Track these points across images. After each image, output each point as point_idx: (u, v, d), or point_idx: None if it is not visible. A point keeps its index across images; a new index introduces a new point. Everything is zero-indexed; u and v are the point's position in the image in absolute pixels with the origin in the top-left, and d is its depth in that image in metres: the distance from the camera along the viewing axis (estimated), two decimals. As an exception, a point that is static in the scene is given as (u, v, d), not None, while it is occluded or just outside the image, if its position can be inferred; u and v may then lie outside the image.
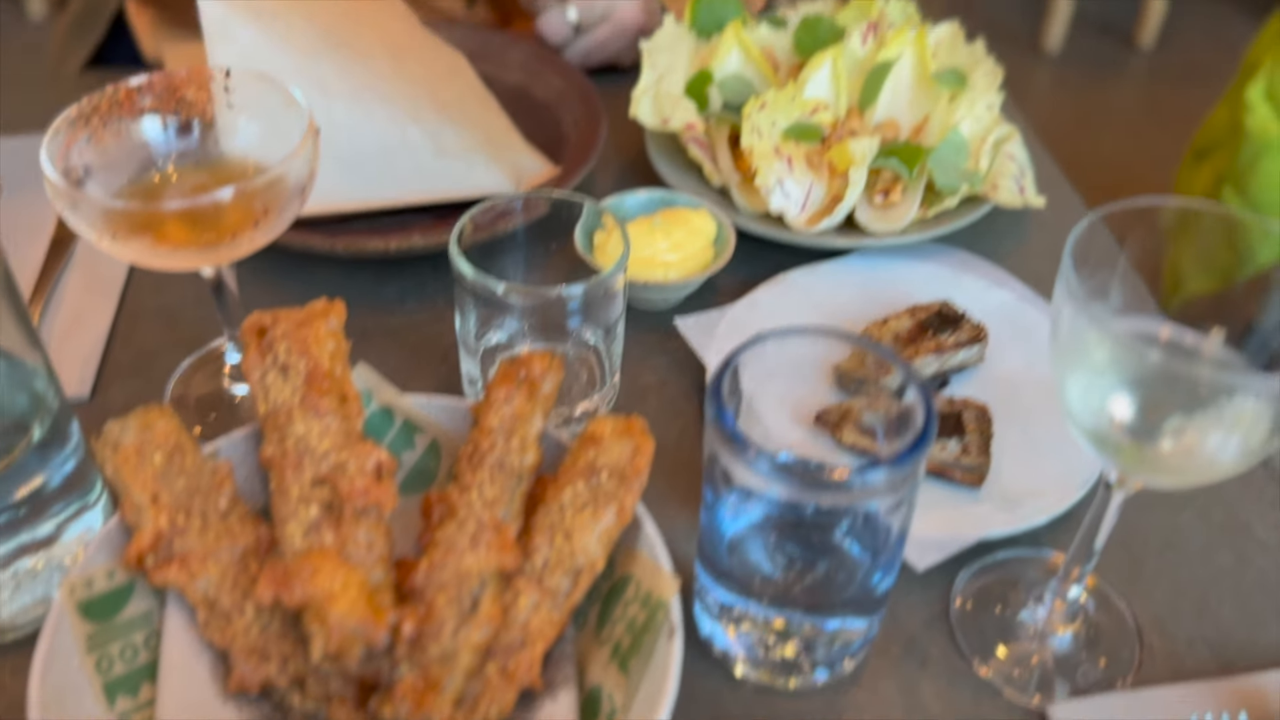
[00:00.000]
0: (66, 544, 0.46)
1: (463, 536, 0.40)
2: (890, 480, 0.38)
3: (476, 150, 0.63)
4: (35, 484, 0.44)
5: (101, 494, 0.47)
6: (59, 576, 0.46)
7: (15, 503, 0.43)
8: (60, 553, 0.46)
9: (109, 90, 0.48)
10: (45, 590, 0.46)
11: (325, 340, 0.43)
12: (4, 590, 0.45)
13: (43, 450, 0.44)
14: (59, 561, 0.46)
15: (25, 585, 0.45)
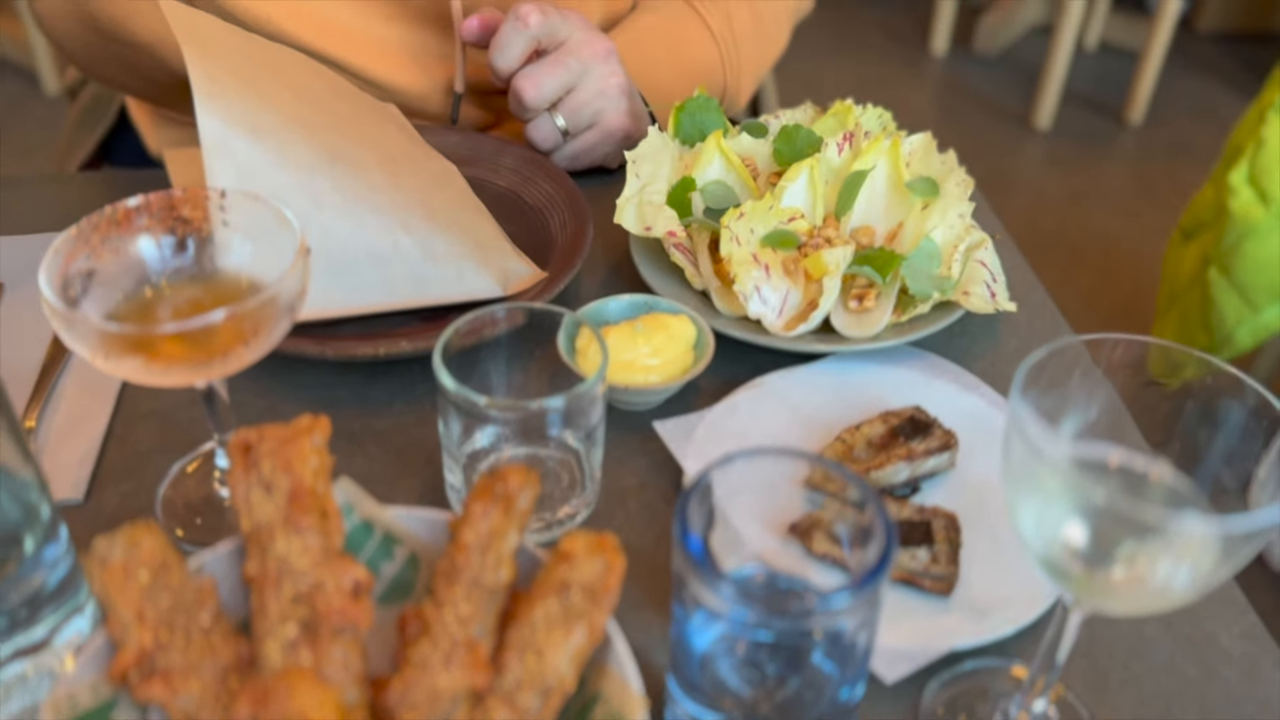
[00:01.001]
0: (57, 649, 0.47)
1: (436, 655, 0.41)
2: (854, 604, 0.39)
3: (466, 256, 0.65)
4: (26, 592, 0.45)
5: (90, 598, 0.49)
6: (49, 683, 0.47)
7: (5, 610, 0.44)
8: (50, 658, 0.47)
9: (108, 210, 0.50)
10: (35, 697, 0.47)
11: (309, 457, 0.45)
12: (-10, 701, 0.46)
13: (34, 560, 0.45)
14: (49, 667, 0.47)
15: (16, 692, 0.46)
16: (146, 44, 0.76)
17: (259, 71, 0.62)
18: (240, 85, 0.60)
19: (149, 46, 0.77)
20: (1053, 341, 0.41)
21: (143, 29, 0.76)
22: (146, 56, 0.78)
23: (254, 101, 0.60)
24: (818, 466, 0.45)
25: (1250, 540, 0.36)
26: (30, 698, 0.46)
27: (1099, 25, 2.96)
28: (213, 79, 0.58)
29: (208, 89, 0.58)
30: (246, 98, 0.60)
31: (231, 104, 0.59)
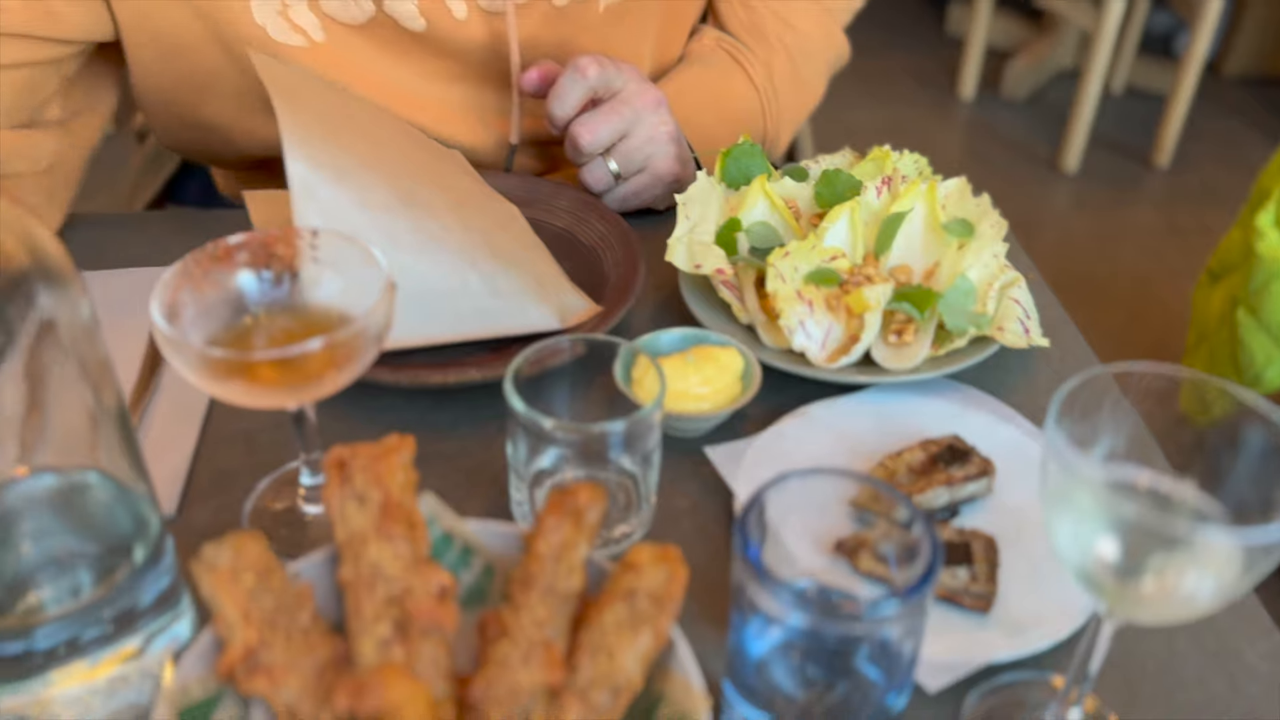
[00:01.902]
0: (156, 654, 0.51)
1: (516, 654, 0.45)
2: (900, 612, 0.43)
3: (527, 292, 0.69)
4: (132, 600, 0.49)
5: (189, 608, 0.53)
6: (149, 684, 0.51)
7: (113, 617, 0.48)
8: (150, 662, 0.51)
9: (209, 247, 0.55)
10: (136, 696, 0.50)
11: (397, 473, 0.49)
12: (99, 697, 0.50)
13: (142, 569, 0.49)
14: (149, 670, 0.51)
15: (118, 692, 0.50)
16: (218, 127, 0.86)
17: (340, 120, 0.67)
18: (324, 133, 0.65)
19: (220, 129, 0.86)
20: (1087, 370, 0.44)
21: (214, 114, 0.84)
22: (218, 138, 0.86)
23: (337, 148, 0.65)
24: (867, 486, 0.49)
25: (1270, 552, 0.39)
26: (131, 698, 0.50)
27: (1126, 69, 3.01)
28: (300, 127, 0.63)
29: (295, 136, 0.63)
30: (330, 145, 0.64)
31: (316, 150, 0.64)
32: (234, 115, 0.86)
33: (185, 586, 0.53)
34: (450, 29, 0.81)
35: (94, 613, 0.47)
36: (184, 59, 0.82)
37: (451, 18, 0.81)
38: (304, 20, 0.80)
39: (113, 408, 0.46)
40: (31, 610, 0.46)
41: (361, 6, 0.79)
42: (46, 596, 0.47)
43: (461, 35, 0.82)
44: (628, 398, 0.62)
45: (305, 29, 0.80)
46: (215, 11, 0.78)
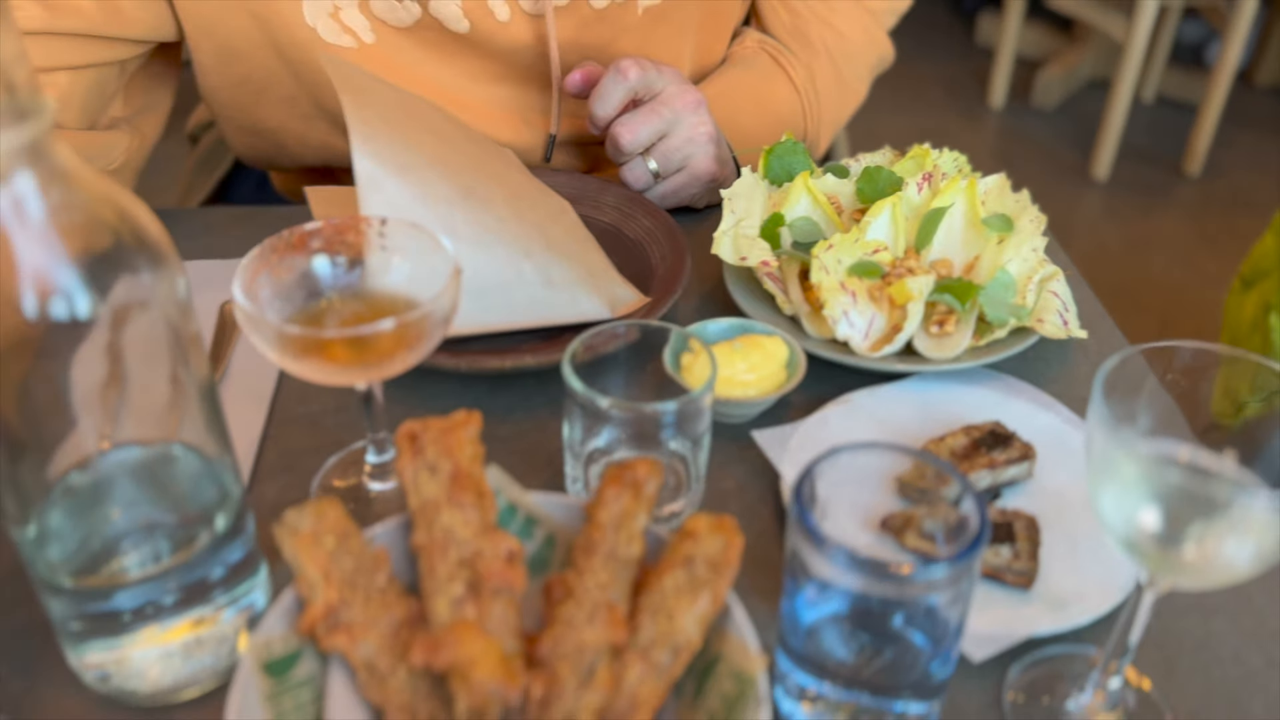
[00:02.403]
0: (232, 621, 0.53)
1: (581, 614, 0.47)
2: (949, 576, 0.45)
3: (579, 282, 0.72)
4: (212, 568, 0.52)
5: (265, 579, 0.55)
6: (225, 649, 0.53)
7: (191, 584, 0.51)
8: (226, 628, 0.53)
9: (285, 234, 0.58)
10: (213, 660, 0.53)
11: (466, 445, 0.52)
12: (176, 658, 0.52)
13: (223, 539, 0.52)
14: (224, 634, 0.53)
15: (194, 654, 0.53)
16: (272, 131, 0.90)
17: (403, 118, 0.70)
18: (389, 130, 0.68)
19: (275, 134, 0.90)
20: (1131, 347, 0.46)
21: (268, 118, 0.88)
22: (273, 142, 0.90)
23: (401, 145, 0.68)
24: (916, 462, 0.51)
25: (1307, 518, 0.41)
26: (207, 661, 0.53)
27: (1156, 79, 3.01)
28: (366, 124, 0.66)
29: (362, 133, 0.66)
30: (394, 141, 0.67)
31: (382, 146, 0.67)
32: (286, 120, 0.89)
33: (263, 558, 0.55)
34: (493, 30, 0.84)
35: (174, 578, 0.50)
36: (241, 63, 0.85)
37: (494, 19, 0.84)
38: (354, 22, 0.83)
39: (203, 381, 0.49)
40: (116, 574, 0.49)
41: (409, 9, 0.82)
42: (130, 562, 0.49)
43: (504, 37, 0.85)
44: (677, 384, 0.65)
45: (355, 30, 0.83)
46: (269, 15, 0.82)
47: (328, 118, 0.88)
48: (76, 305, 0.42)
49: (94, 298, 0.42)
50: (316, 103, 0.87)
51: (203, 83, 0.88)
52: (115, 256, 0.43)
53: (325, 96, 0.86)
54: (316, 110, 0.88)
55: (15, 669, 0.53)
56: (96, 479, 0.48)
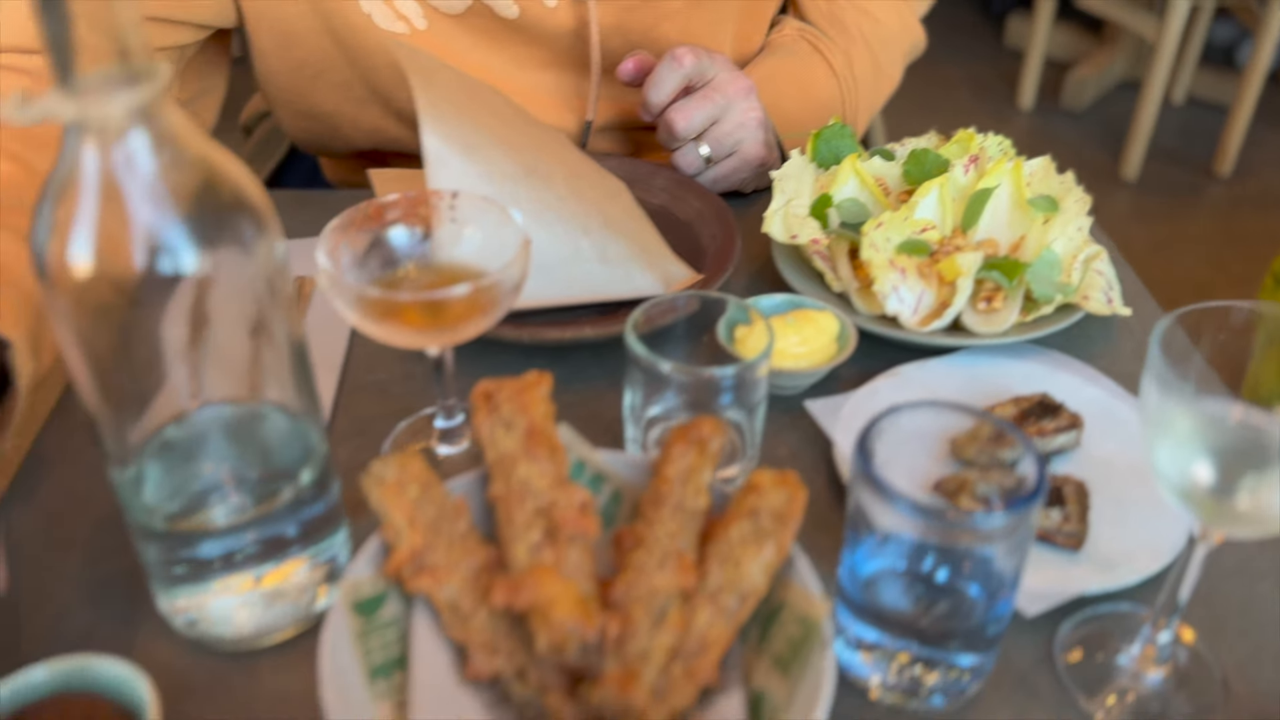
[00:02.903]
0: (312, 572, 0.56)
1: (651, 561, 0.49)
2: (1007, 525, 0.47)
3: (634, 259, 0.74)
4: (296, 521, 0.54)
5: (345, 534, 0.58)
6: (306, 598, 0.56)
7: (276, 536, 0.53)
8: (306, 579, 0.56)
9: (363, 206, 0.60)
10: (293, 609, 0.55)
11: (538, 404, 0.54)
12: (258, 606, 0.55)
13: (308, 493, 0.54)
14: (304, 585, 0.56)
15: (276, 603, 0.55)
16: (327, 115, 0.93)
17: (467, 99, 0.73)
18: (455, 111, 0.70)
19: (329, 118, 0.93)
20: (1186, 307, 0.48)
21: (322, 102, 0.91)
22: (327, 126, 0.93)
23: (466, 124, 0.70)
24: (972, 427, 0.53)
25: (1358, 467, 0.42)
26: (288, 610, 0.55)
27: (1187, 80, 3.00)
28: (433, 104, 0.69)
29: (429, 113, 0.69)
30: (460, 121, 0.70)
31: (449, 126, 0.69)
32: (340, 104, 0.92)
33: (344, 516, 0.58)
34: (540, 16, 0.87)
35: (258, 530, 0.52)
36: (297, 48, 0.88)
37: (542, 5, 0.86)
38: (407, 9, 0.86)
39: (296, 341, 0.51)
40: (204, 523, 0.52)
41: None
42: (218, 512, 0.52)
43: (550, 23, 0.87)
44: (731, 356, 0.67)
45: (408, 17, 0.86)
46: (326, 1, 0.84)
47: (380, 102, 0.91)
48: (181, 261, 0.44)
49: (198, 254, 0.45)
50: (370, 87, 0.90)
51: (260, 67, 0.91)
52: (219, 217, 0.45)
53: (378, 81, 0.89)
54: (370, 94, 0.91)
55: (108, 614, 0.56)
56: (190, 433, 0.51)
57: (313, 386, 0.54)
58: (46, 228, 0.43)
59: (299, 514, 0.54)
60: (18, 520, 0.61)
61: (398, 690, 0.48)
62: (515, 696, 0.48)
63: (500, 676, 0.48)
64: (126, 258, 0.43)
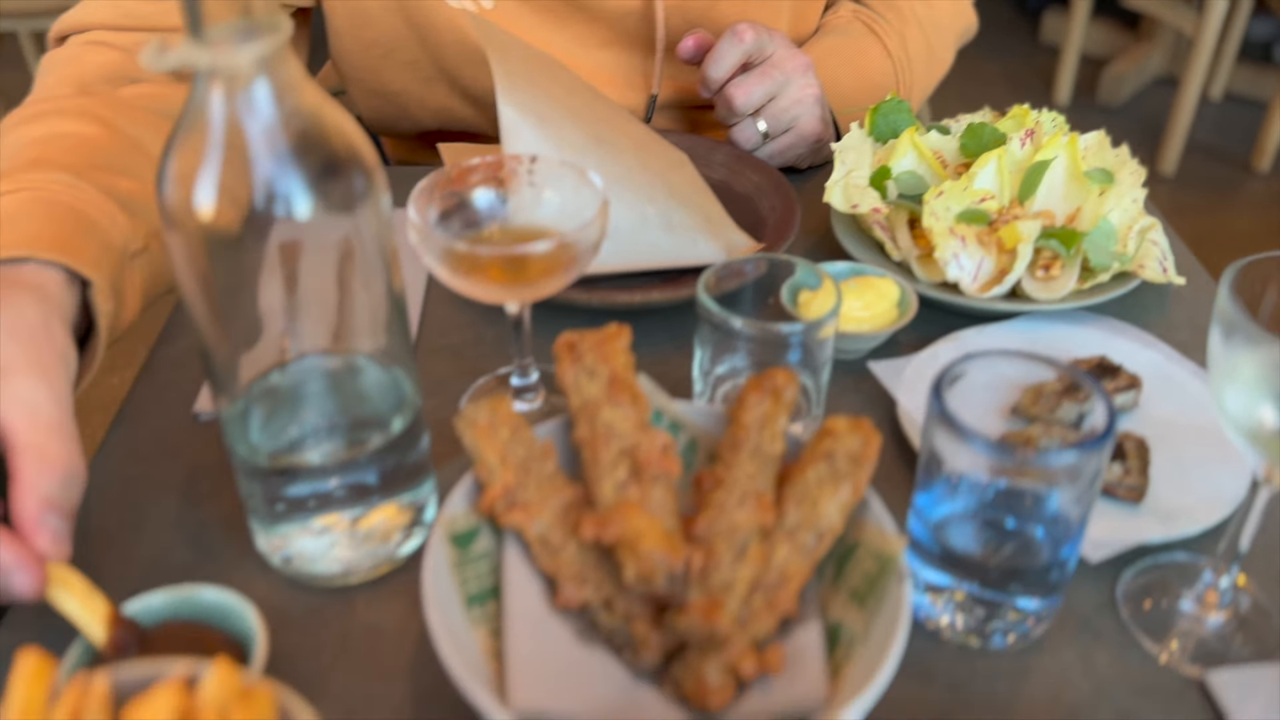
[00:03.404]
0: (401, 516, 0.58)
1: (732, 499, 0.51)
2: (1077, 462, 0.48)
3: (698, 228, 0.76)
4: (388, 467, 0.56)
5: (432, 483, 0.60)
6: (395, 539, 0.58)
7: (370, 482, 0.56)
8: (394, 522, 0.58)
9: (447, 169, 0.63)
10: (381, 550, 0.58)
11: (619, 354, 0.56)
12: (349, 546, 0.58)
13: (400, 441, 0.56)
14: (393, 528, 0.58)
15: (365, 544, 0.58)
16: (396, 94, 0.96)
17: (539, 73, 0.75)
18: (528, 83, 0.73)
19: (398, 97, 0.96)
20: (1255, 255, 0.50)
21: (392, 81, 0.94)
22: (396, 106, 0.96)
23: (539, 96, 0.73)
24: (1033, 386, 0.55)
25: None
26: (380, 547, 0.58)
27: (1225, 76, 2.99)
28: (509, 76, 0.72)
29: (505, 84, 0.71)
30: (534, 93, 0.73)
31: (523, 97, 0.72)
32: (409, 83, 0.95)
33: (433, 466, 0.60)
34: None
35: (352, 473, 0.55)
36: (371, 27, 0.91)
37: None
38: None
39: (398, 293, 0.54)
40: (302, 464, 0.54)
41: None
42: (315, 455, 0.55)
43: (614, 2, 0.90)
44: (795, 319, 0.69)
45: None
46: None
47: (447, 80, 0.94)
48: (295, 206, 0.47)
49: (311, 201, 0.47)
50: (438, 65, 0.93)
51: (335, 45, 0.94)
52: (332, 166, 0.48)
53: (446, 59, 0.92)
54: (437, 73, 0.94)
55: (207, 554, 0.59)
56: (292, 379, 0.54)
57: (409, 338, 0.56)
58: (172, 170, 0.46)
59: (389, 460, 0.56)
60: (118, 467, 0.65)
61: (492, 618, 0.51)
62: (603, 625, 0.50)
63: (588, 606, 0.50)
64: (245, 201, 0.46)
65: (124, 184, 0.70)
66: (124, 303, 0.67)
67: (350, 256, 0.50)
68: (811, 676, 0.48)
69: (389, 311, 0.54)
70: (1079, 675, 0.53)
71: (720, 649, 0.48)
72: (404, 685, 0.53)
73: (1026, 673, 0.53)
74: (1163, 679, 0.53)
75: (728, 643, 0.48)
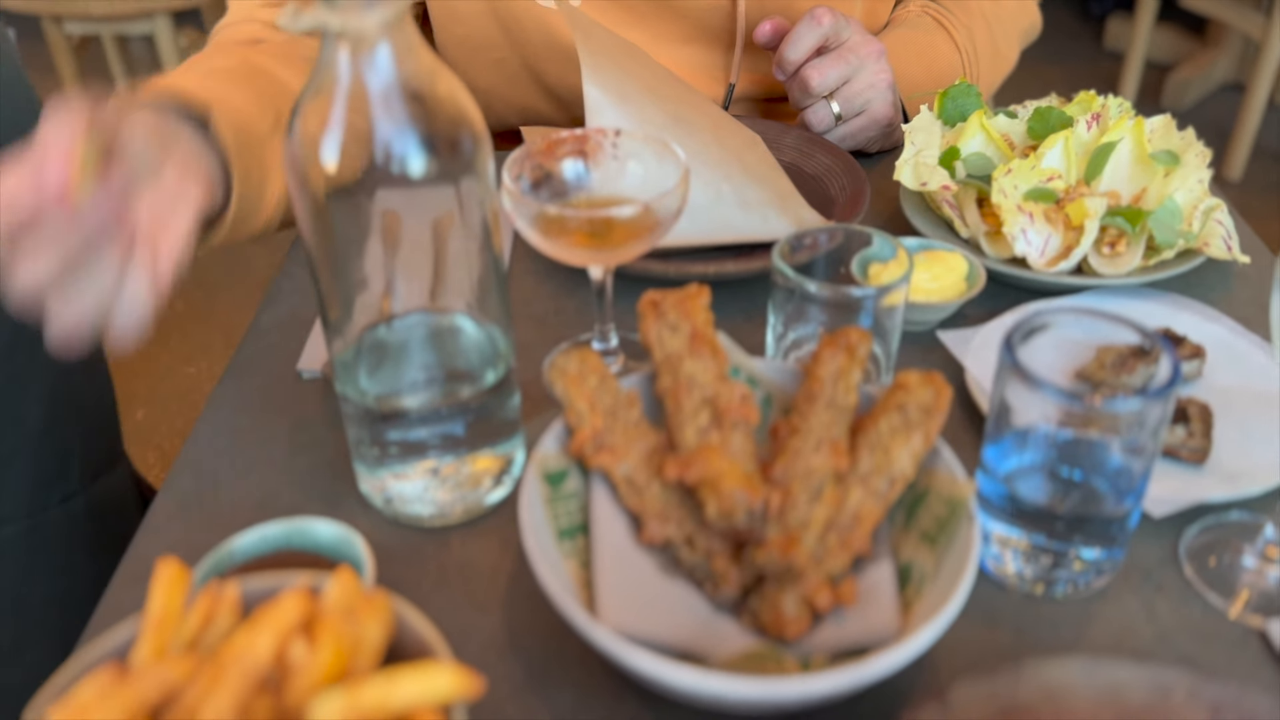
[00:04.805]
0: (492, 464, 0.62)
1: (807, 445, 0.54)
2: (1141, 410, 0.51)
3: (770, 204, 0.79)
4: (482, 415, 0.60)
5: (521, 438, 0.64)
6: (487, 482, 0.62)
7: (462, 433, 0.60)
8: (486, 468, 0.62)
9: (537, 141, 0.67)
10: (474, 495, 0.62)
11: (700, 311, 0.60)
12: (440, 490, 0.61)
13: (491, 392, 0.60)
14: (485, 473, 0.62)
15: (458, 488, 0.62)
16: (482, 90, 1.00)
17: (623, 56, 0.79)
18: (612, 65, 0.77)
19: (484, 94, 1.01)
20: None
21: (477, 78, 0.99)
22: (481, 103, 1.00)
23: (622, 78, 0.77)
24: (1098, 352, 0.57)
25: None
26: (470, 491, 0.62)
27: (1294, 82, 2.95)
28: (593, 55, 0.76)
29: (591, 65, 0.75)
30: (617, 74, 0.77)
31: (607, 78, 0.76)
32: (496, 81, 0.99)
33: (522, 423, 0.64)
34: None
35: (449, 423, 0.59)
36: (462, 24, 0.96)
37: None
38: None
39: (499, 254, 0.58)
40: (405, 410, 0.58)
41: None
42: (415, 403, 0.59)
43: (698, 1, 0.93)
44: (865, 291, 0.72)
45: None
46: None
47: (533, 78, 0.98)
48: (411, 164, 0.51)
49: (426, 160, 0.51)
50: (524, 63, 0.97)
51: (436, 39, 0.99)
52: (445, 127, 0.52)
53: (533, 57, 0.96)
54: (523, 70, 0.98)
55: (314, 495, 0.63)
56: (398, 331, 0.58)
57: (507, 297, 0.60)
58: (300, 127, 0.50)
59: (482, 412, 0.60)
60: (227, 418, 0.69)
61: (581, 552, 0.54)
62: (685, 560, 0.53)
63: (671, 542, 0.54)
64: (367, 157, 0.50)
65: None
66: (265, 201, 0.72)
67: (455, 216, 0.54)
68: (884, 610, 0.51)
69: (488, 271, 0.58)
70: (1142, 622, 0.55)
71: (796, 582, 0.51)
72: (497, 616, 0.56)
73: (1090, 619, 0.55)
74: (1224, 628, 0.54)
75: (803, 577, 0.51)
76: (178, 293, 0.67)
